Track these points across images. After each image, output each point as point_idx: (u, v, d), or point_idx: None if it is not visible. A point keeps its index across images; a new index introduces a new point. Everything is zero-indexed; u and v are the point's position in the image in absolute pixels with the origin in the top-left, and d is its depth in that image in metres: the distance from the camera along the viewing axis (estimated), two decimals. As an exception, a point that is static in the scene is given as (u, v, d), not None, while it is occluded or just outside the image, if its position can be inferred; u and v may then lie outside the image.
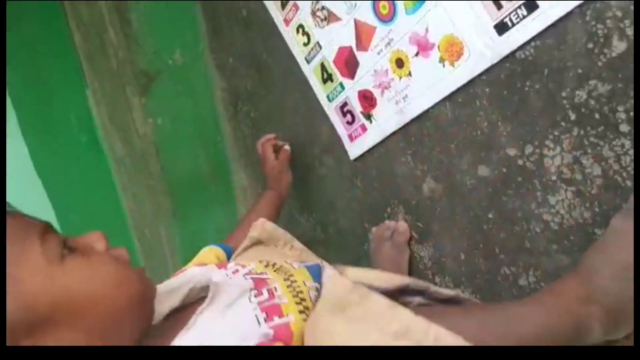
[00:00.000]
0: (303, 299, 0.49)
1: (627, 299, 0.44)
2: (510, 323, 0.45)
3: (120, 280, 0.44)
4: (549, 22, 0.50)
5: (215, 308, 0.48)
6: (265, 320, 0.45)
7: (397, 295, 0.52)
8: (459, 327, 0.40)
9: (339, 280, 0.47)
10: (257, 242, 0.73)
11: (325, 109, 0.85)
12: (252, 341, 0.43)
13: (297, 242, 0.72)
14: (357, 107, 0.78)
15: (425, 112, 0.68)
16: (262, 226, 0.72)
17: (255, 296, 0.50)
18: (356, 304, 0.44)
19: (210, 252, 0.74)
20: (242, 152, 1.20)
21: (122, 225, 1.29)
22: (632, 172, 0.50)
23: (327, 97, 0.83)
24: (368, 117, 0.77)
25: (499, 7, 0.54)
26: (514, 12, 0.53)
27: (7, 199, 0.48)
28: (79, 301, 0.41)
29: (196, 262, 0.70)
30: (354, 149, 0.83)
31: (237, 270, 0.56)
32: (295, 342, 0.45)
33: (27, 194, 1.29)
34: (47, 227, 0.43)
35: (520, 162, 0.59)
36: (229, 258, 0.74)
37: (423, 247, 0.79)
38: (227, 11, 0.99)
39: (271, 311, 0.47)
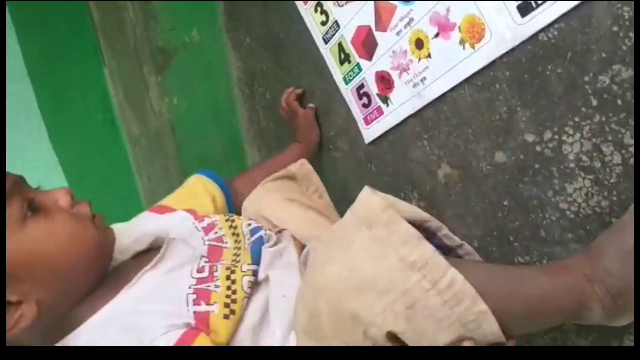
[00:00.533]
0: (234, 291, 0.52)
1: (630, 284, 0.44)
2: (516, 280, 0.46)
3: (77, 236, 0.50)
4: (574, 4, 0.48)
5: (160, 269, 0.54)
6: (193, 303, 0.49)
7: None
8: (468, 274, 0.41)
9: (372, 196, 0.47)
10: (291, 177, 0.76)
11: (342, 91, 0.83)
12: (174, 321, 0.48)
13: (327, 195, 0.74)
14: (373, 89, 0.77)
15: (443, 96, 0.67)
16: (301, 164, 0.77)
17: (197, 271, 0.54)
18: (384, 224, 0.44)
19: (198, 187, 0.75)
20: (256, 134, 1.20)
21: (137, 205, 1.31)
22: (654, 161, 0.48)
23: (344, 79, 0.82)
24: (385, 99, 0.76)
25: None
26: None
27: (24, 174, 0.51)
28: (37, 259, 0.47)
29: (185, 197, 0.72)
30: (370, 133, 0.82)
31: (211, 227, 0.62)
32: (212, 336, 0.48)
33: (44, 171, 1.30)
34: (17, 185, 0.49)
35: (538, 148, 0.58)
36: (223, 190, 0.76)
37: (436, 234, 0.78)
38: (245, -11, 0.98)
39: (201, 295, 0.51)
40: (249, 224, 0.65)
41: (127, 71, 1.21)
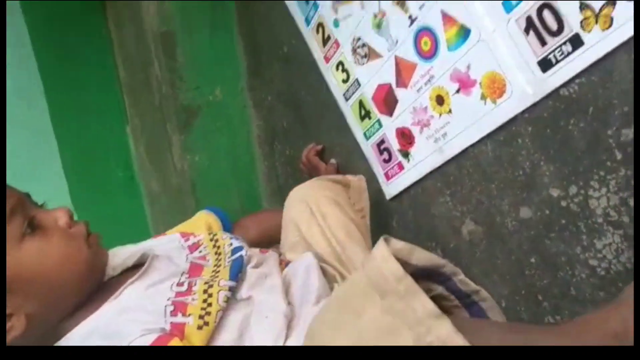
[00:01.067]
0: (210, 304, 0.54)
1: None
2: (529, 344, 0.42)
3: (70, 255, 0.54)
4: (595, 59, 0.49)
5: (142, 283, 0.57)
6: (171, 314, 0.52)
7: (421, 279, 0.49)
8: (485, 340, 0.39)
9: (389, 261, 0.42)
10: (346, 185, 0.78)
11: (362, 146, 0.85)
12: (151, 327, 0.51)
13: (369, 218, 0.75)
14: (394, 144, 0.78)
15: (465, 151, 0.67)
16: (359, 179, 0.79)
17: (177, 285, 0.57)
18: (399, 296, 0.40)
19: (200, 219, 0.77)
20: (275, 190, 1.21)
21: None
22: (687, 216, 0.47)
23: (364, 134, 0.83)
24: (406, 155, 0.77)
25: (543, 43, 0.54)
26: (559, 49, 0.53)
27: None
28: (30, 275, 0.51)
29: (184, 227, 0.75)
30: (391, 188, 0.82)
31: (196, 246, 0.66)
32: (185, 344, 0.50)
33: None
34: (20, 202, 0.53)
35: (563, 203, 0.58)
36: (224, 225, 0.77)
37: (461, 292, 0.76)
38: (268, 49, 1.02)
39: (178, 307, 0.53)
40: (231, 244, 0.67)
41: (151, 128, 1.25)
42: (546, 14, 0.53)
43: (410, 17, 0.69)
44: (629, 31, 0.46)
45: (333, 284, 0.66)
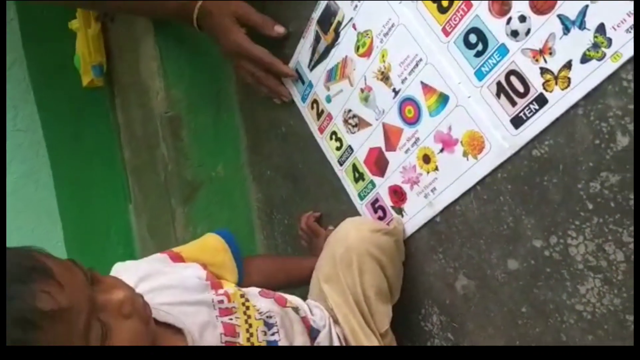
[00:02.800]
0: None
1: None
2: None
3: (138, 340, 0.52)
4: (559, 114, 0.58)
5: None
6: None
7: None
8: None
9: None
10: (394, 235, 0.80)
11: (357, 207, 0.90)
12: None
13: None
14: (387, 202, 0.84)
15: (453, 209, 0.73)
16: (399, 224, 0.82)
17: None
18: None
19: (211, 245, 0.79)
20: (274, 260, 1.25)
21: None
22: (654, 256, 0.53)
23: (359, 195, 0.89)
24: (399, 211, 0.82)
25: (513, 103, 0.63)
26: (527, 107, 0.61)
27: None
28: None
29: (198, 252, 0.76)
30: None
31: (228, 312, 0.66)
32: None
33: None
34: (90, 301, 0.49)
35: (546, 253, 0.63)
36: (235, 255, 0.79)
37: (459, 347, 0.79)
38: (268, 128, 1.10)
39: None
40: (263, 321, 0.68)
41: (154, 204, 1.30)
42: (513, 79, 0.62)
43: (394, 89, 0.77)
44: (584, 89, 0.56)
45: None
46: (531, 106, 0.61)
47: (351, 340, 0.73)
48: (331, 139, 0.92)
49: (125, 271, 0.65)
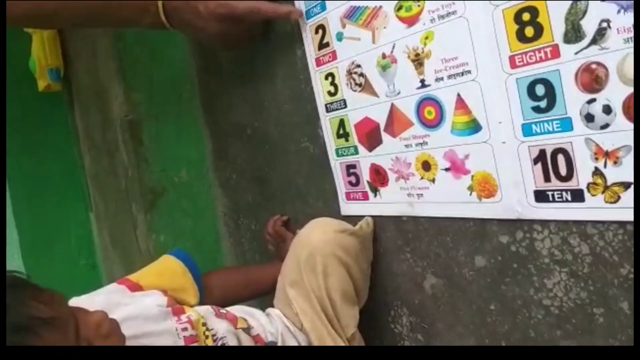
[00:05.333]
0: None
1: None
2: None
3: None
4: (586, 218, 0.54)
5: None
6: None
7: None
8: None
9: None
10: (359, 237, 0.77)
11: (331, 160, 0.83)
12: None
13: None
14: (365, 175, 0.78)
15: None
16: (368, 225, 0.79)
17: None
18: None
19: (169, 268, 0.76)
20: (242, 265, 1.22)
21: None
22: (617, 248, 0.53)
23: (336, 151, 0.82)
24: (374, 190, 0.77)
25: (547, 180, 0.56)
26: (560, 192, 0.56)
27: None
28: None
29: (157, 281, 0.73)
30: (348, 209, 0.83)
31: (192, 339, 0.64)
32: None
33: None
34: (75, 320, 0.52)
35: (513, 248, 0.62)
36: (194, 276, 0.76)
37: (429, 348, 0.78)
38: (232, 131, 1.08)
39: None
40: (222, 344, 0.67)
41: (115, 212, 1.26)
42: (560, 158, 0.55)
43: (422, 81, 0.65)
44: (627, 216, 0.51)
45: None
46: (564, 194, 0.55)
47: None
48: (326, 79, 0.79)
49: (81, 305, 0.62)
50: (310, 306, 0.72)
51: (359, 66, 0.73)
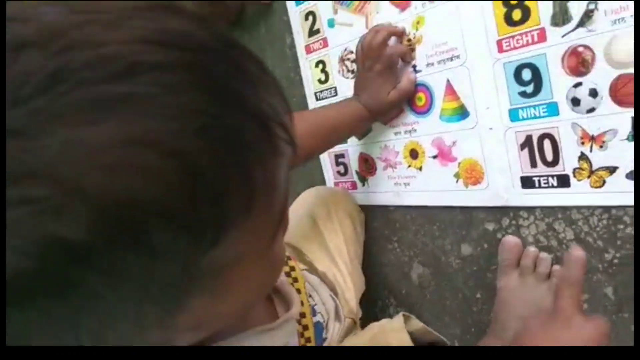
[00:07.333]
0: None
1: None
2: None
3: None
4: (572, 204, 0.54)
5: None
6: None
7: None
8: None
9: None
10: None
11: None
12: None
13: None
14: (353, 165, 0.78)
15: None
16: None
17: None
18: None
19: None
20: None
21: None
22: (601, 233, 0.52)
23: None
24: (362, 180, 0.77)
25: (534, 164, 0.56)
26: (546, 178, 0.55)
27: None
28: None
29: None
30: None
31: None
32: None
33: None
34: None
35: (499, 235, 0.62)
36: None
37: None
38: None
39: None
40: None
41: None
42: (547, 143, 0.54)
43: (414, 66, 0.65)
44: (611, 201, 0.51)
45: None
46: (550, 179, 0.55)
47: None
48: (317, 66, 0.78)
49: None
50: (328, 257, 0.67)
51: (352, 52, 0.72)
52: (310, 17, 0.77)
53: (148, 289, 0.22)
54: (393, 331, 0.55)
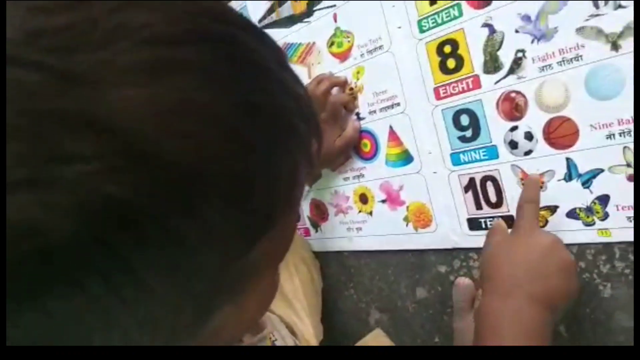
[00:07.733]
0: None
1: None
2: None
3: None
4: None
5: None
6: None
7: None
8: None
9: None
10: None
11: None
12: None
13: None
14: (305, 211, 0.77)
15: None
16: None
17: None
18: None
19: None
20: None
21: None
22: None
23: None
24: (315, 225, 0.77)
25: (479, 206, 0.57)
26: (491, 219, 0.56)
27: None
28: None
29: None
30: None
31: None
32: None
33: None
34: None
35: (451, 277, 0.62)
36: None
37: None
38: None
39: None
40: None
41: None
42: (489, 185, 0.55)
43: (357, 114, 0.66)
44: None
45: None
46: (496, 220, 0.54)
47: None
48: None
49: None
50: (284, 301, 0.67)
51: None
52: None
53: (191, 282, 0.20)
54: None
